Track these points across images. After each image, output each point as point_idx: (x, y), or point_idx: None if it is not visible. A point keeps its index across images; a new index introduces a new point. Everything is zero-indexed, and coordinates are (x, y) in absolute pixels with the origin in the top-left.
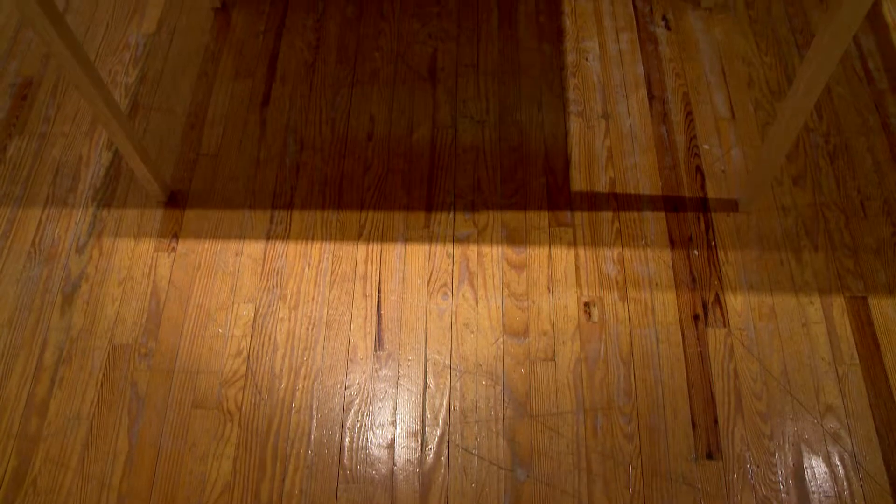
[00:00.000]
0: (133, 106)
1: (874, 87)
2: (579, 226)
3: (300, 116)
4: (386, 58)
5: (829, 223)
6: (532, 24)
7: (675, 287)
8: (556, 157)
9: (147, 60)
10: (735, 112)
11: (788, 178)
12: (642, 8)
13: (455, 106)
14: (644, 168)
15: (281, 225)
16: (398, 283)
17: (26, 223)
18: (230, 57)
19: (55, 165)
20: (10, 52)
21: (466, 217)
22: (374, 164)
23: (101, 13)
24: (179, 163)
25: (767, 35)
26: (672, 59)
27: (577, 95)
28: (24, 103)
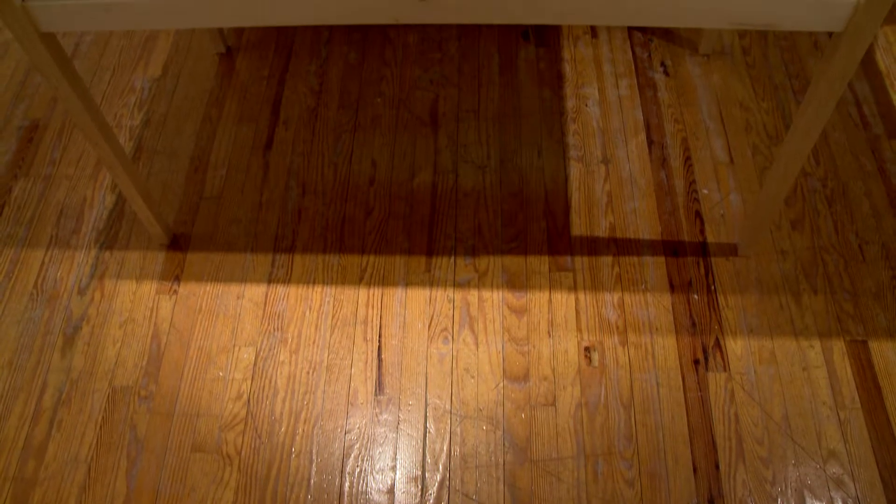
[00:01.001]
0: (137, 149)
1: (870, 133)
2: (579, 270)
3: (302, 161)
4: (388, 103)
5: (828, 267)
6: (532, 70)
7: (676, 331)
8: (557, 202)
9: (152, 104)
10: (733, 157)
11: (787, 222)
12: (641, 54)
13: (456, 151)
14: (644, 213)
15: (282, 268)
16: (399, 327)
17: (29, 264)
18: (234, 101)
19: (59, 207)
20: (19, 95)
21: (467, 261)
22: (376, 208)
23: (108, 57)
24: (182, 206)
25: (764, 81)
26: (671, 104)
27: (577, 140)
28: (30, 146)
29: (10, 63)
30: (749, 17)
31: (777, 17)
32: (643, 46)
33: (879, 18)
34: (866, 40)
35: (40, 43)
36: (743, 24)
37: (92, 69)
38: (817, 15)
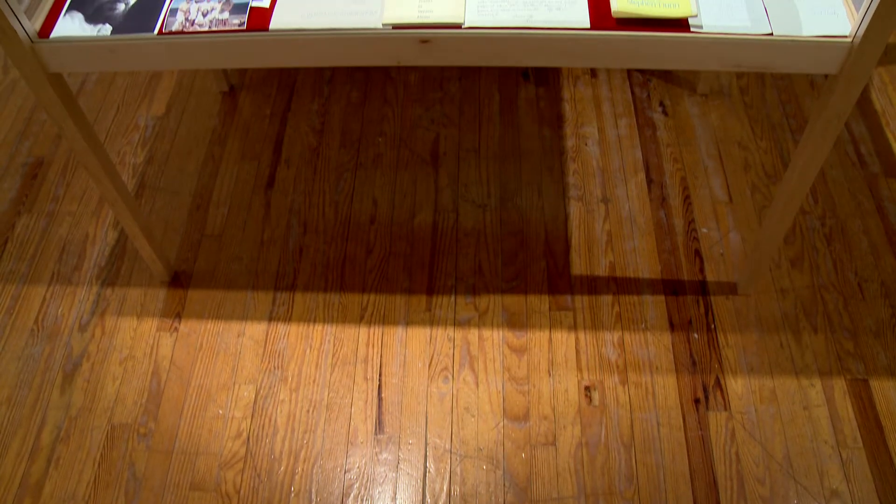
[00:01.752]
0: (140, 186)
1: (867, 171)
2: (579, 309)
3: (304, 199)
4: (389, 142)
5: (828, 305)
6: (532, 109)
7: (676, 370)
8: (557, 241)
9: (155, 142)
10: (732, 196)
11: (786, 260)
12: (640, 94)
13: (457, 190)
14: (643, 252)
15: (283, 306)
16: (399, 366)
17: (30, 300)
18: (236, 140)
19: (61, 244)
20: (25, 132)
21: (467, 301)
22: (377, 247)
23: (112, 95)
24: (184, 243)
25: (762, 120)
26: (670, 143)
27: (577, 180)
28: (34, 182)
29: (17, 100)
30: (745, 60)
31: (773, 60)
32: (642, 86)
33: (873, 61)
34: (861, 82)
35: (47, 83)
36: (739, 66)
37: (97, 107)
38: (812, 58)
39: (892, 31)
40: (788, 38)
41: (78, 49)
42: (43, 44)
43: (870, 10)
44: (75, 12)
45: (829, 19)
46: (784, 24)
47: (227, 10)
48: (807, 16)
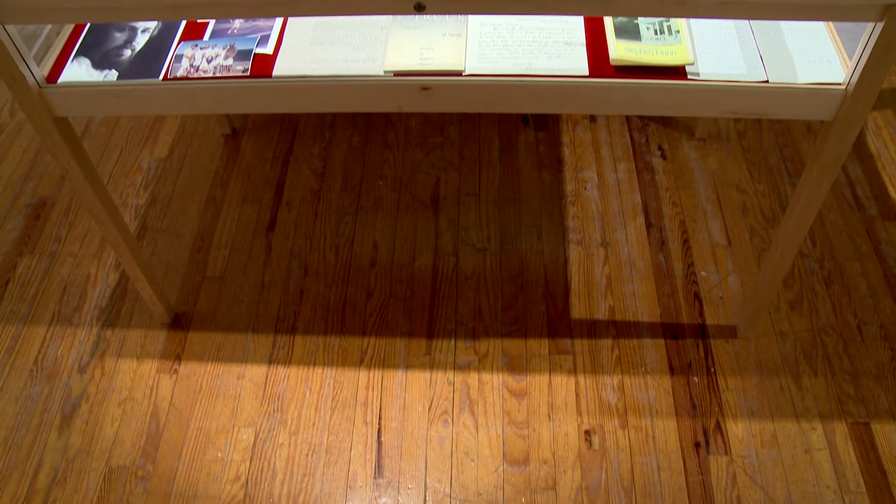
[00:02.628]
0: (142, 228)
1: (864, 214)
2: (579, 353)
3: (305, 242)
4: (390, 186)
5: (828, 348)
6: (532, 154)
7: (676, 414)
8: (556, 285)
9: (158, 184)
10: (731, 239)
11: (785, 303)
12: (639, 138)
13: (457, 234)
14: (643, 295)
15: (283, 349)
16: (399, 409)
17: (30, 341)
18: (238, 182)
19: (63, 284)
20: (29, 173)
21: (467, 344)
22: (377, 290)
23: (116, 138)
24: (185, 285)
25: (760, 164)
26: (668, 187)
27: (577, 224)
28: (37, 223)
29: (23, 142)
30: (742, 106)
31: (769, 107)
32: (641, 131)
33: (867, 107)
34: (856, 128)
35: (54, 127)
36: (736, 113)
37: (101, 149)
38: (807, 105)
39: (885, 78)
40: (784, 86)
41: (84, 94)
42: (50, 89)
43: (862, 58)
44: (83, 58)
45: (824, 67)
46: (779, 71)
47: (231, 57)
48: (801, 64)
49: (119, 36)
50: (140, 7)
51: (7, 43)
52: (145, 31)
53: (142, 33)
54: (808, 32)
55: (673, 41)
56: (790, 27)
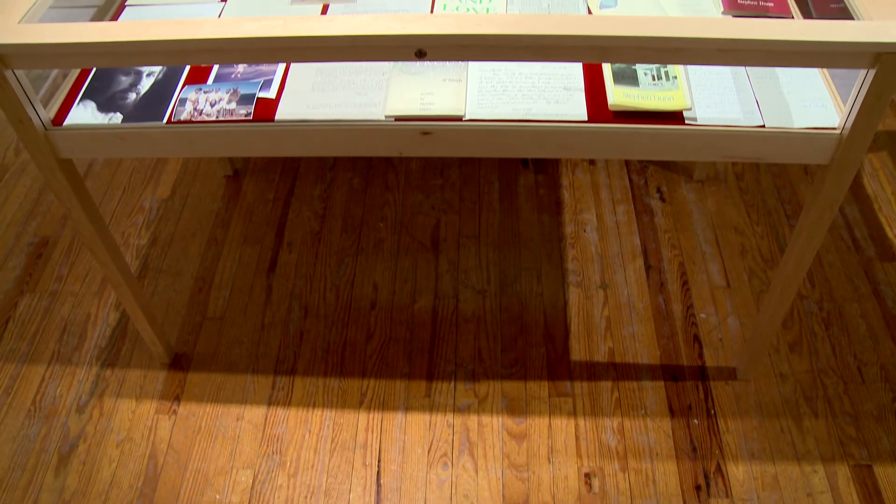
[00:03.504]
0: (143, 267)
1: (862, 255)
2: (579, 395)
3: (305, 284)
4: (390, 228)
5: (828, 389)
6: (532, 196)
7: (676, 457)
8: (556, 327)
9: (159, 224)
10: (730, 281)
11: (785, 344)
12: (637, 181)
13: (456, 276)
14: (642, 337)
15: (283, 391)
16: (398, 452)
17: (29, 380)
18: (239, 223)
19: (63, 324)
20: (32, 212)
21: (467, 387)
22: (377, 332)
23: (119, 178)
24: (185, 325)
25: (758, 205)
26: (667, 229)
27: (576, 266)
28: (38, 261)
29: (27, 181)
30: (738, 151)
31: (765, 151)
32: (639, 173)
33: (862, 151)
34: (851, 172)
35: (58, 168)
36: (733, 157)
37: (103, 188)
38: (803, 150)
39: (879, 122)
40: (779, 131)
41: (89, 137)
42: (56, 131)
43: (856, 104)
44: (88, 101)
45: (819, 111)
46: (775, 116)
47: (234, 101)
48: (797, 108)
49: (124, 79)
50: (145, 52)
51: (15, 86)
52: (150, 74)
53: (147, 77)
54: (803, 77)
55: (670, 87)
56: (785, 72)
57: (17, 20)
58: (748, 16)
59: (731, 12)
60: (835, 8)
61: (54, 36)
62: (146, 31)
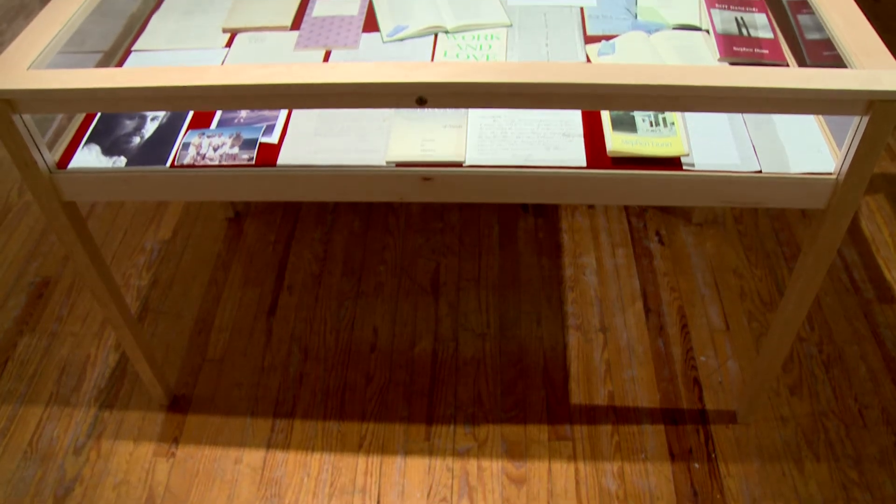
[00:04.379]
0: (143, 309)
1: (861, 297)
2: (579, 439)
3: (305, 326)
4: (390, 271)
5: (830, 433)
6: (531, 240)
7: (677, 501)
8: (556, 371)
9: (160, 265)
10: (729, 324)
11: (785, 388)
12: (636, 224)
13: (456, 319)
14: (642, 381)
15: (282, 434)
16: (397, 496)
17: (26, 421)
18: (240, 265)
19: (62, 364)
20: (34, 252)
21: (467, 430)
22: (377, 375)
23: (121, 219)
24: (185, 367)
25: (756, 248)
26: (666, 272)
27: (576, 309)
28: (39, 302)
29: (29, 221)
30: (736, 196)
31: (762, 196)
32: (638, 217)
33: (859, 195)
34: (848, 216)
35: (61, 210)
36: (731, 202)
37: (105, 229)
38: (800, 194)
39: (874, 167)
40: (776, 176)
41: (93, 180)
42: (60, 174)
43: (851, 150)
44: (93, 145)
45: (815, 157)
46: (772, 161)
47: (237, 146)
48: (793, 153)
49: (129, 123)
50: (150, 98)
51: (22, 130)
52: (154, 118)
53: (151, 121)
54: (799, 123)
55: (668, 133)
56: (781, 118)
57: (26, 66)
58: (744, 63)
59: (727, 59)
60: (828, 56)
61: (61, 82)
62: (151, 78)
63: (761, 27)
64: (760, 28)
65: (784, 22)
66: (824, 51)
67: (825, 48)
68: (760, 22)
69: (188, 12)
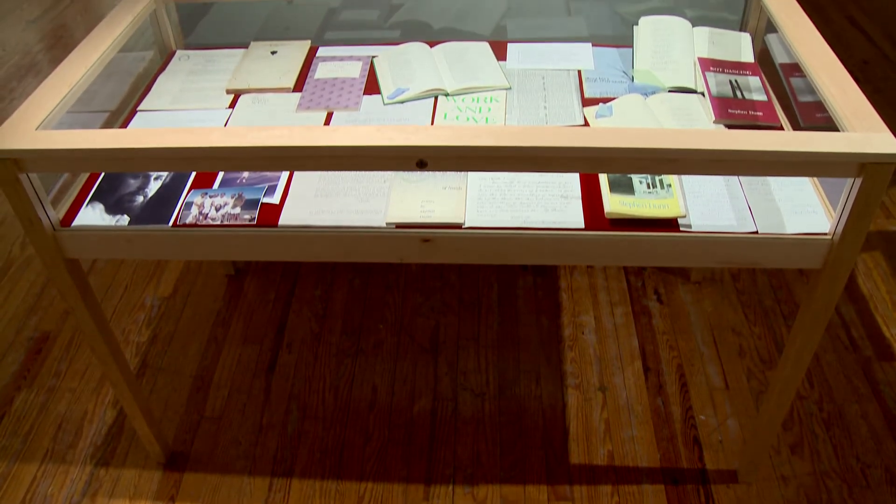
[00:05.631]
0: (142, 365)
1: (860, 355)
2: (579, 499)
3: (304, 385)
4: (389, 329)
5: (832, 493)
6: (530, 298)
7: None
8: (555, 430)
9: (160, 322)
10: (728, 382)
11: (786, 446)
12: (635, 283)
13: (455, 378)
14: (642, 440)
15: (280, 493)
16: None
17: (20, 479)
18: (240, 323)
19: (59, 420)
20: (34, 307)
21: (466, 491)
22: (375, 434)
23: (122, 275)
24: (182, 424)
25: (754, 306)
26: (665, 331)
27: (575, 368)
28: (37, 357)
29: (31, 275)
30: (733, 257)
31: (759, 257)
32: (637, 275)
33: (854, 255)
34: (844, 275)
35: (64, 267)
36: (728, 263)
37: (106, 284)
38: (796, 255)
39: (868, 227)
40: (772, 237)
41: (96, 238)
42: (64, 232)
43: (845, 210)
44: (97, 203)
45: (810, 218)
46: (768, 222)
47: (239, 206)
48: (788, 215)
49: (133, 182)
50: (153, 159)
51: (28, 189)
52: (158, 178)
53: (154, 180)
54: (794, 184)
55: (665, 195)
56: (776, 179)
57: (34, 126)
58: (739, 125)
59: (722, 121)
60: (821, 117)
61: (66, 142)
62: (154, 139)
63: (755, 90)
64: (754, 91)
65: (777, 84)
66: (817, 112)
67: (818, 110)
68: (754, 84)
69: (193, 73)
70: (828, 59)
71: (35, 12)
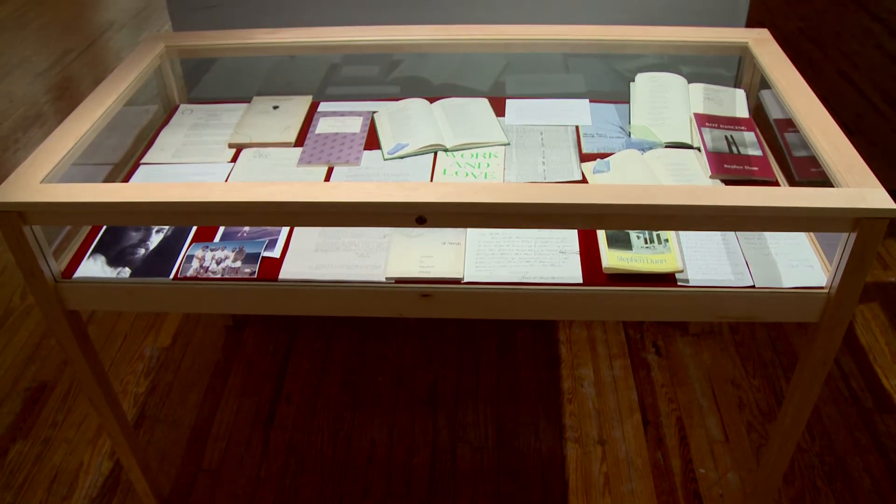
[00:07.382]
0: (140, 416)
1: (861, 407)
2: None
3: (302, 437)
4: (388, 382)
5: None
6: (529, 351)
7: None
8: (554, 484)
9: (159, 372)
10: (728, 435)
11: (787, 500)
12: (634, 335)
13: (454, 431)
14: (641, 494)
15: None
16: None
17: None
18: (239, 374)
19: (53, 472)
20: (32, 357)
21: None
22: (373, 487)
23: (121, 325)
24: (179, 476)
25: (753, 358)
26: (664, 383)
27: (574, 421)
28: (34, 407)
29: (30, 325)
30: (730, 311)
31: (756, 311)
32: (635, 328)
33: (851, 307)
34: (841, 328)
35: (64, 318)
36: (726, 317)
37: (105, 334)
38: (793, 309)
39: (864, 281)
40: (769, 291)
41: (97, 290)
42: (65, 284)
43: (841, 264)
44: (98, 255)
45: (806, 272)
46: (765, 277)
47: (239, 260)
48: (785, 269)
49: (135, 235)
50: (155, 213)
51: (31, 241)
52: (159, 231)
53: (156, 233)
54: (790, 239)
55: (662, 250)
56: (773, 234)
57: (39, 179)
58: (735, 180)
59: (718, 176)
60: (816, 171)
61: (70, 196)
62: (156, 194)
63: (750, 145)
64: (749, 146)
65: (772, 139)
66: (812, 167)
67: (812, 164)
68: (749, 140)
69: (196, 127)
70: (821, 116)
71: (43, 65)
